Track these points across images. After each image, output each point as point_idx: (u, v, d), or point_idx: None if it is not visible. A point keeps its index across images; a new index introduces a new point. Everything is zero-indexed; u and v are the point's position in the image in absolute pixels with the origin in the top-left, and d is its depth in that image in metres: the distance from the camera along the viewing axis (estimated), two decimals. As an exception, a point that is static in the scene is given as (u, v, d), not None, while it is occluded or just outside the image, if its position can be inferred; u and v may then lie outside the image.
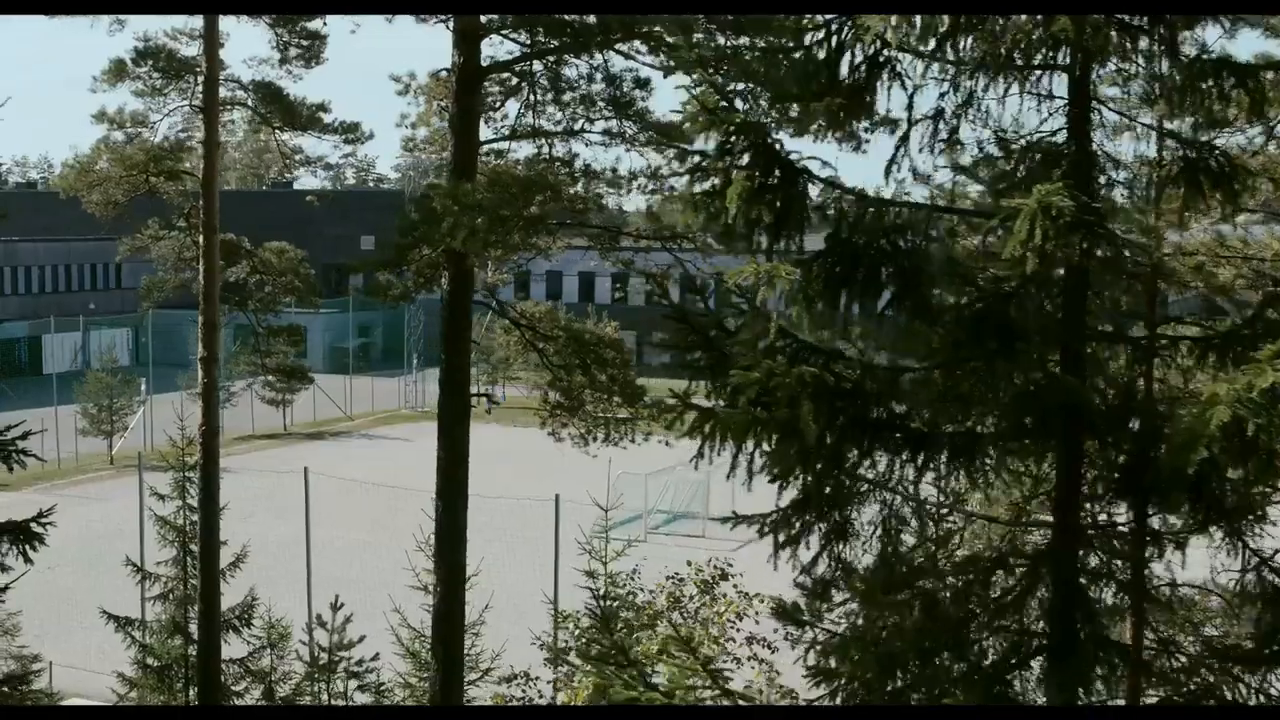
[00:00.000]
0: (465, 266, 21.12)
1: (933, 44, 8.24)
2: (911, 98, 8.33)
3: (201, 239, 26.27)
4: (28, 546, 15.64)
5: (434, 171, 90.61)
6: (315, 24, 25.16)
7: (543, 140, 22.02)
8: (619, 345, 23.43)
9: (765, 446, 8.39)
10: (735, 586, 19.89)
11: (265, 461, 56.72)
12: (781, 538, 8.68)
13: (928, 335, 8.08)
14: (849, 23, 8.25)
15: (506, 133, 22.40)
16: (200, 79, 26.02)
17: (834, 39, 8.24)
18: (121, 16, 25.92)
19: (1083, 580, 8.53)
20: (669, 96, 20.12)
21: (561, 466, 32.93)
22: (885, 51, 8.23)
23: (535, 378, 56.83)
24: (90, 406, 60.03)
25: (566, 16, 20.26)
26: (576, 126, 21.62)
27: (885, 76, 8.26)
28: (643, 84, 20.88)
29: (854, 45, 8.26)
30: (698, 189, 8.06)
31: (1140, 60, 8.57)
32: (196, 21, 26.04)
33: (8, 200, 79.56)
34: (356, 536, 44.11)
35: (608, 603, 23.86)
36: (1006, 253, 7.39)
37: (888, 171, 8.38)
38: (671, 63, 19.64)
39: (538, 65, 21.66)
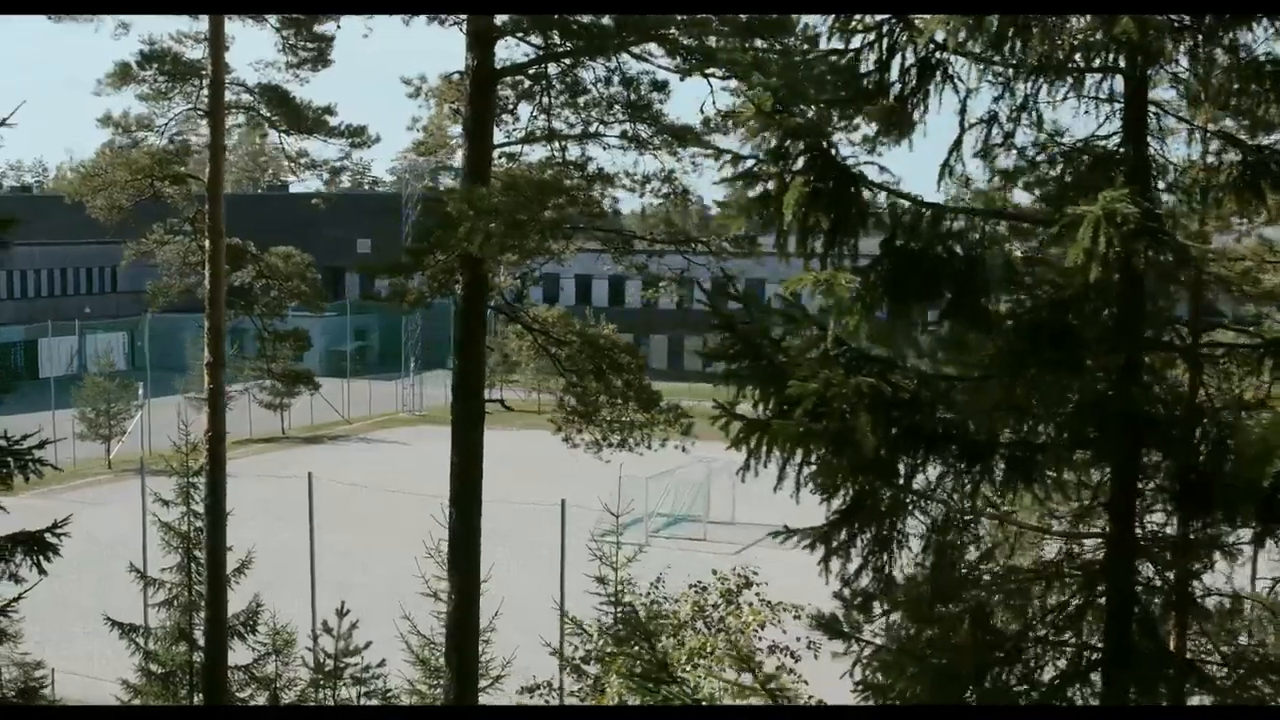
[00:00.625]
0: (480, 271, 20.95)
1: (986, 46, 8.06)
2: (964, 101, 8.16)
3: (208, 243, 26.09)
4: (41, 557, 15.45)
5: (430, 174, 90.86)
6: (327, 26, 24.90)
7: (556, 143, 21.82)
8: (633, 350, 23.24)
9: (813, 457, 8.22)
10: (758, 595, 19.70)
11: (264, 465, 56.54)
12: (833, 546, 8.49)
13: (984, 344, 7.92)
14: (899, 24, 8.08)
15: (519, 136, 22.20)
16: (206, 82, 25.83)
17: (885, 41, 8.08)
18: (126, 20, 25.75)
19: (1138, 591, 8.36)
20: (684, 99, 20.10)
21: (562, 470, 32.72)
22: (938, 54, 8.07)
23: (535, 382, 56.64)
24: (88, 411, 59.81)
25: (581, 19, 20.07)
26: (591, 129, 21.44)
27: (938, 78, 8.09)
28: (660, 86, 20.70)
29: (906, 48, 8.10)
30: (749, 194, 7.88)
31: (1187, 62, 8.40)
32: (202, 24, 25.85)
33: (3, 204, 79.38)
34: (358, 541, 43.92)
35: (621, 610, 23.68)
36: (1070, 260, 7.22)
37: (941, 176, 8.22)
38: (687, 65, 19.48)
39: (552, 68, 21.48)
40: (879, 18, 8.14)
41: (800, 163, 7.66)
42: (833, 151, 7.73)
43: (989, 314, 7.96)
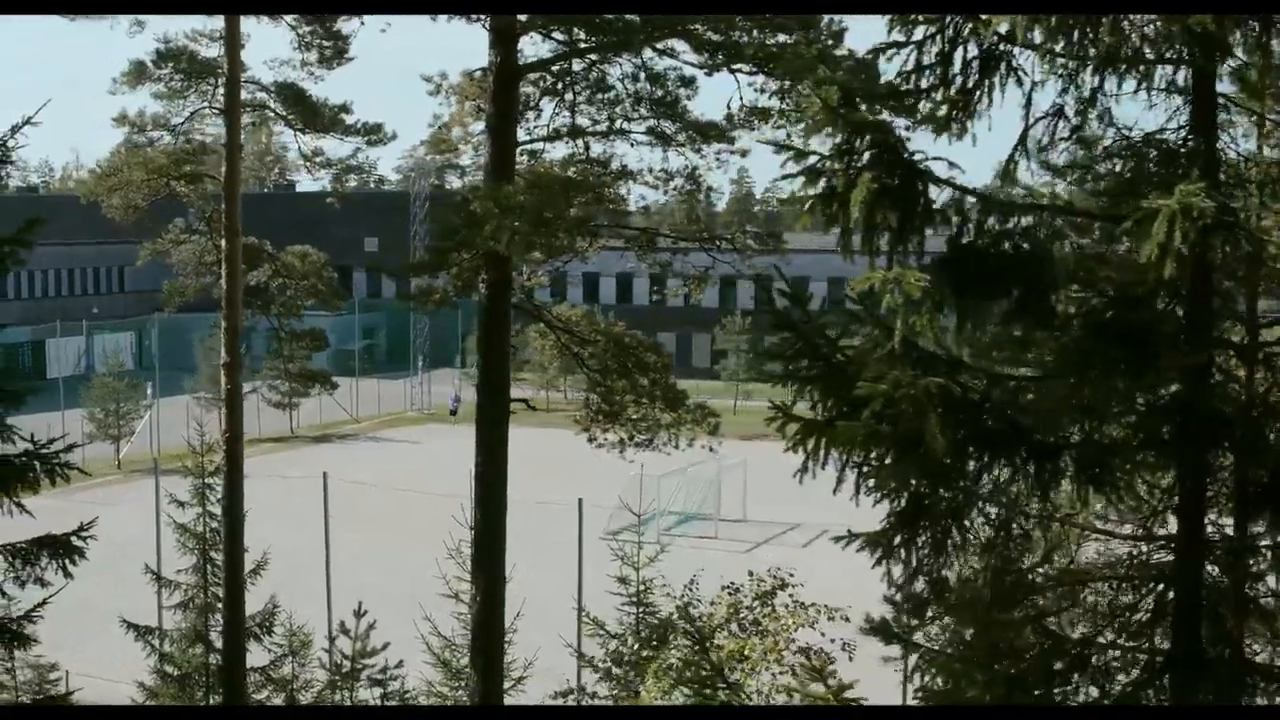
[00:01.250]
0: (505, 270, 20.74)
1: (1048, 37, 7.87)
2: (1029, 95, 7.98)
3: (224, 243, 25.85)
4: (67, 561, 15.29)
5: (436, 173, 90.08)
6: (351, 24, 24.54)
7: (579, 140, 21.57)
8: (658, 349, 23.02)
9: (875, 459, 8.05)
10: (791, 596, 19.46)
11: (274, 465, 56.36)
12: (893, 548, 8.29)
13: (1052, 343, 7.74)
14: (962, 17, 7.89)
15: (540, 134, 21.95)
16: (222, 80, 25.59)
17: (948, 32, 7.88)
18: (141, 18, 25.49)
19: (1207, 594, 8.17)
20: (706, 96, 19.91)
21: (572, 469, 32.48)
22: (1002, 46, 7.88)
23: (543, 380, 56.10)
24: (97, 411, 59.64)
25: (606, 16, 19.83)
26: (616, 126, 21.18)
27: (1002, 71, 7.90)
28: (688, 83, 20.47)
29: (969, 40, 7.91)
30: (811, 191, 7.68)
31: (1246, 54, 8.21)
32: (217, 22, 25.63)
33: (8, 204, 79.12)
34: (372, 541, 43.72)
35: (643, 610, 23.47)
36: (1144, 255, 7.04)
37: (1005, 172, 8.03)
38: (715, 61, 19.28)
39: (576, 64, 21.25)
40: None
41: (866, 159, 7.49)
42: (899, 147, 7.55)
43: (1055, 312, 7.78)
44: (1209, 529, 8.65)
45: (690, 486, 48.54)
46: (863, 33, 7.99)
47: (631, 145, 21.06)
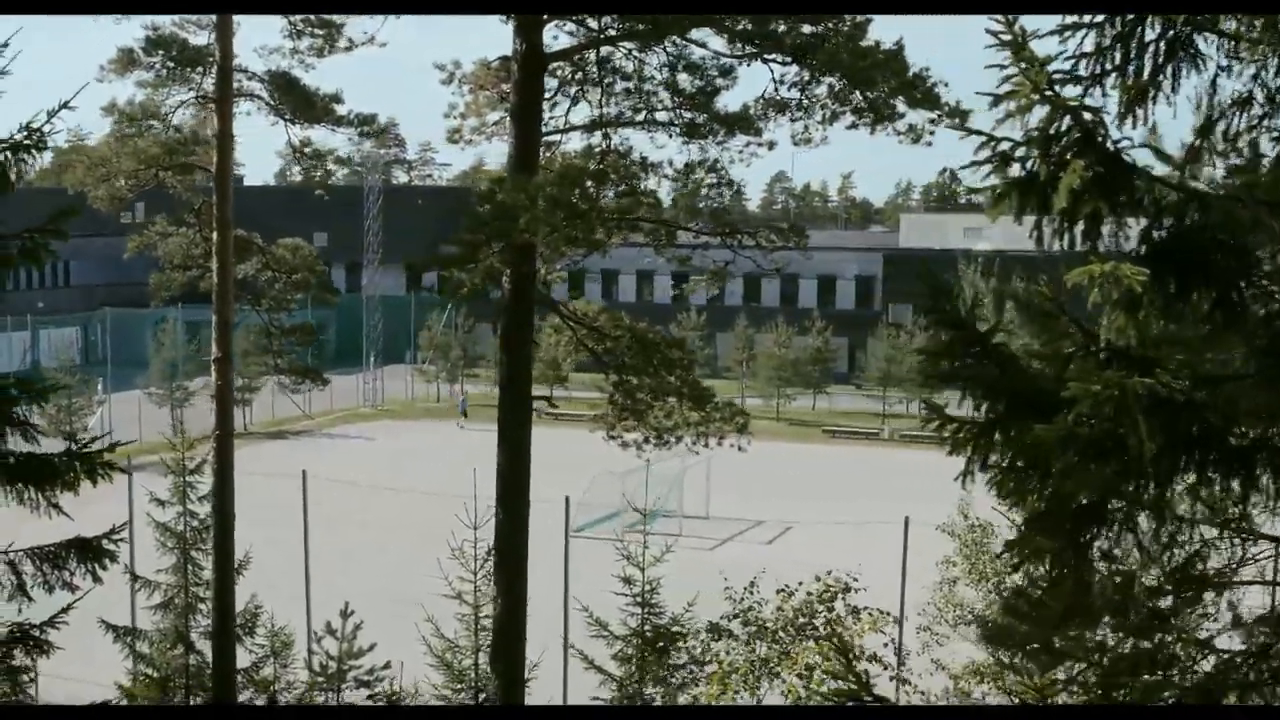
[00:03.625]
0: (530, 264, 20.23)
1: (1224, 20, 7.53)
2: (1214, 82, 7.61)
3: (215, 235, 25.15)
4: (97, 565, 14.75)
5: (382, 168, 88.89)
6: (370, 25, 23.70)
7: (604, 131, 21.04)
8: (683, 345, 22.57)
9: (1022, 459, 7.68)
10: (846, 603, 19.04)
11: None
12: (1047, 554, 7.93)
13: (1245, 341, 7.39)
14: (1142, -1, 7.52)
15: (558, 124, 21.41)
16: (213, 69, 24.86)
17: (1127, 13, 7.50)
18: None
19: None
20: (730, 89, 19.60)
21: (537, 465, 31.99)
22: (1185, 29, 7.51)
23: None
24: (49, 406, 58.50)
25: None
26: (642, 117, 20.68)
27: (1184, 57, 7.53)
28: (726, 72, 19.97)
29: (1150, 24, 7.53)
30: (999, 179, 7.27)
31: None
32: (207, 8, 24.92)
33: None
34: (345, 539, 43.05)
35: (648, 609, 23.07)
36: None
37: (1188, 160, 7.67)
38: (754, 49, 18.84)
39: (605, 52, 20.73)
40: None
41: (1070, 143, 7.10)
42: (1102, 132, 7.16)
43: (1249, 309, 7.42)
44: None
45: (654, 483, 48.25)
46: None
47: (670, 137, 20.56)
